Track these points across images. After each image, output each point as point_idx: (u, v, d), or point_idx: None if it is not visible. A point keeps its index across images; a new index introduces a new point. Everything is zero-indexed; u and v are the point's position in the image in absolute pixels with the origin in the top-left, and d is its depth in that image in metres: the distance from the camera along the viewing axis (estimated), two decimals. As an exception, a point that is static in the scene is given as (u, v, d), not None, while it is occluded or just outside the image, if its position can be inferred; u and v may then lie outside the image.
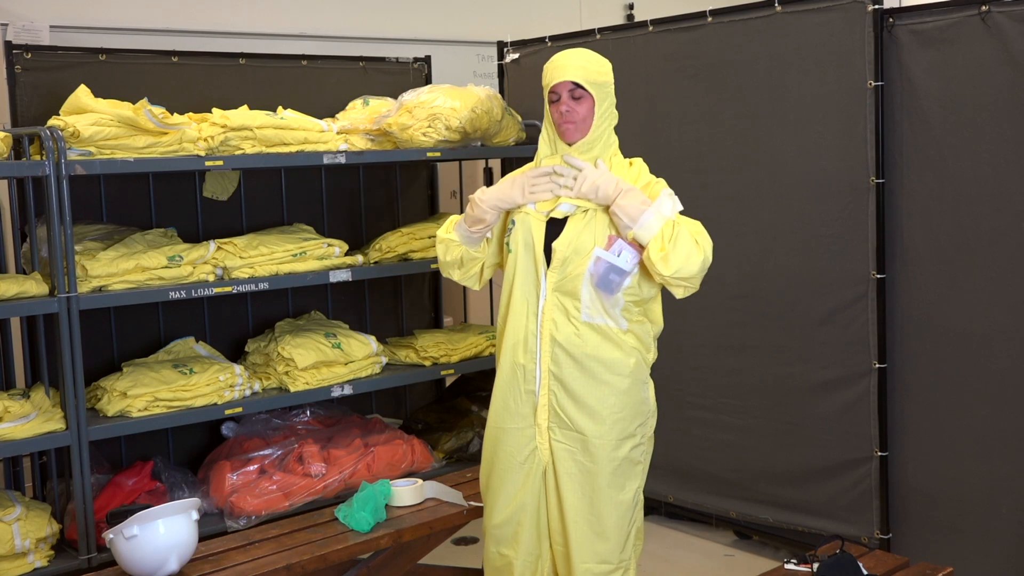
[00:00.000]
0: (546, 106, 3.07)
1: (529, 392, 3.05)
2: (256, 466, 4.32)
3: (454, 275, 3.22)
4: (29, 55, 4.19)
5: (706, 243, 2.98)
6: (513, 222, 3.07)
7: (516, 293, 3.06)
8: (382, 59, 5.16)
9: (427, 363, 4.73)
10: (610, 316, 3.01)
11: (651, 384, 3.17)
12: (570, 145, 3.04)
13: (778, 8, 4.07)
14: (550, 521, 3.08)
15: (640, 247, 2.96)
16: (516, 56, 5.13)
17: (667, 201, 2.99)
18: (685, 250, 2.91)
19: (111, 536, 3.08)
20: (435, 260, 4.68)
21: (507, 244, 3.08)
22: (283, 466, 4.36)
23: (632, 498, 3.08)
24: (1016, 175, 3.57)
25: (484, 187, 3.19)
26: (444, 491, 3.66)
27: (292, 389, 4.27)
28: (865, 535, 3.99)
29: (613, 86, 3.07)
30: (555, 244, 2.99)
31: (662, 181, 3.09)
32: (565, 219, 3.02)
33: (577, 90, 3.01)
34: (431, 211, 5.30)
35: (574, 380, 3.02)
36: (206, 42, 5.16)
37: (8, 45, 4.21)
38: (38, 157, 3.70)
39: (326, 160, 4.27)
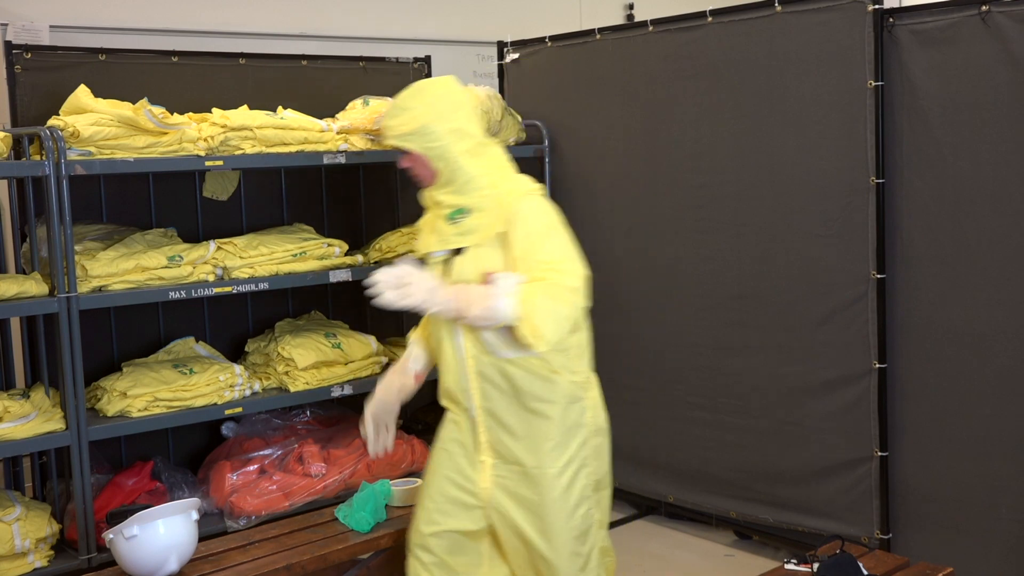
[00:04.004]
0: None
1: (471, 428, 3.08)
2: (256, 466, 4.32)
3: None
4: (29, 55, 4.19)
5: (563, 290, 2.84)
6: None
7: (443, 331, 3.07)
8: (382, 59, 5.16)
9: (427, 363, 4.72)
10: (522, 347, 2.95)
11: (587, 401, 3.10)
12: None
13: (778, 8, 4.07)
14: (506, 555, 3.12)
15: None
16: (516, 56, 5.13)
17: (503, 280, 2.87)
18: (551, 315, 2.81)
19: (111, 536, 3.08)
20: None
21: None
22: (283, 466, 4.36)
23: (582, 523, 3.04)
24: (1016, 175, 3.57)
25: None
26: (444, 491, 3.66)
27: (292, 389, 4.27)
28: (865, 535, 3.99)
29: (441, 119, 2.95)
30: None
31: (529, 195, 2.98)
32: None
33: (402, 149, 3.00)
34: (431, 211, 5.30)
35: (504, 411, 3.01)
36: (206, 42, 5.16)
37: (8, 45, 4.21)
38: (38, 157, 3.70)
39: (326, 160, 4.27)
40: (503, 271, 2.90)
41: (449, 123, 2.97)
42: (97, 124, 3.73)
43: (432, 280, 2.93)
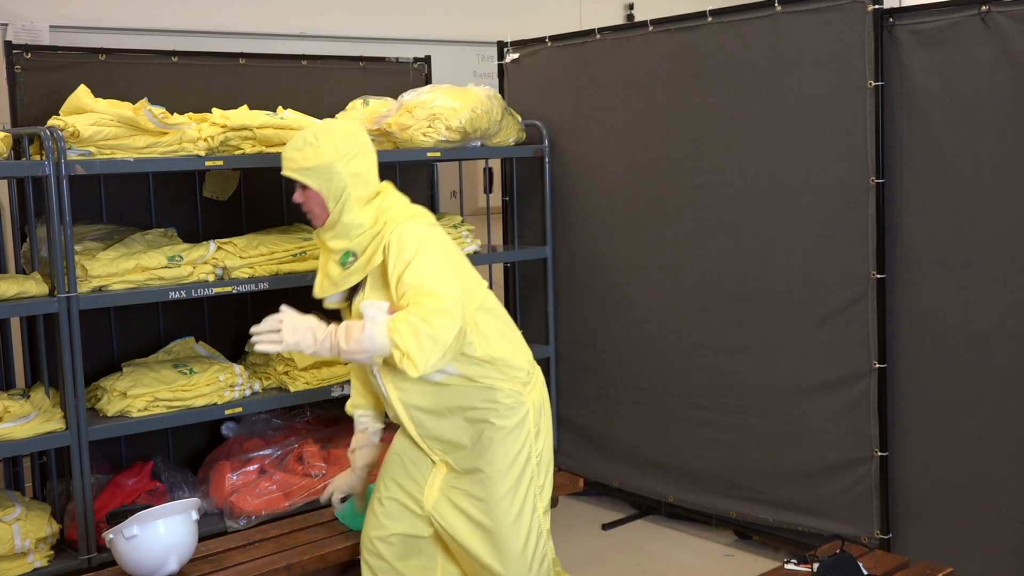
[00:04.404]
0: None
1: (423, 454, 3.12)
2: (256, 466, 4.32)
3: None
4: (29, 55, 4.19)
5: (429, 313, 2.82)
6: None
7: (365, 370, 3.14)
8: (382, 59, 5.16)
9: (427, 363, 4.72)
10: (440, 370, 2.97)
11: (528, 404, 3.09)
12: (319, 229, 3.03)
13: (778, 8, 4.07)
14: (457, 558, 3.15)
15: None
16: (516, 56, 5.13)
17: (370, 310, 2.90)
18: (420, 339, 2.80)
19: (111, 536, 3.08)
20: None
21: None
22: (283, 466, 4.36)
23: (529, 527, 3.06)
24: (1016, 175, 3.57)
25: None
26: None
27: (292, 389, 4.27)
28: (865, 535, 3.99)
29: (345, 161, 2.96)
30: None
31: (405, 221, 2.99)
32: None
33: (299, 183, 2.99)
34: (431, 211, 5.30)
35: (441, 431, 3.04)
36: (206, 42, 5.16)
37: (8, 45, 4.21)
38: (38, 157, 3.70)
39: (326, 160, 4.27)
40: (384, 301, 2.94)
41: (352, 167, 2.99)
42: (97, 124, 3.73)
43: (307, 321, 2.96)
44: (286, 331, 2.93)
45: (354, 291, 3.08)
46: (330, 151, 2.96)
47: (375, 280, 2.99)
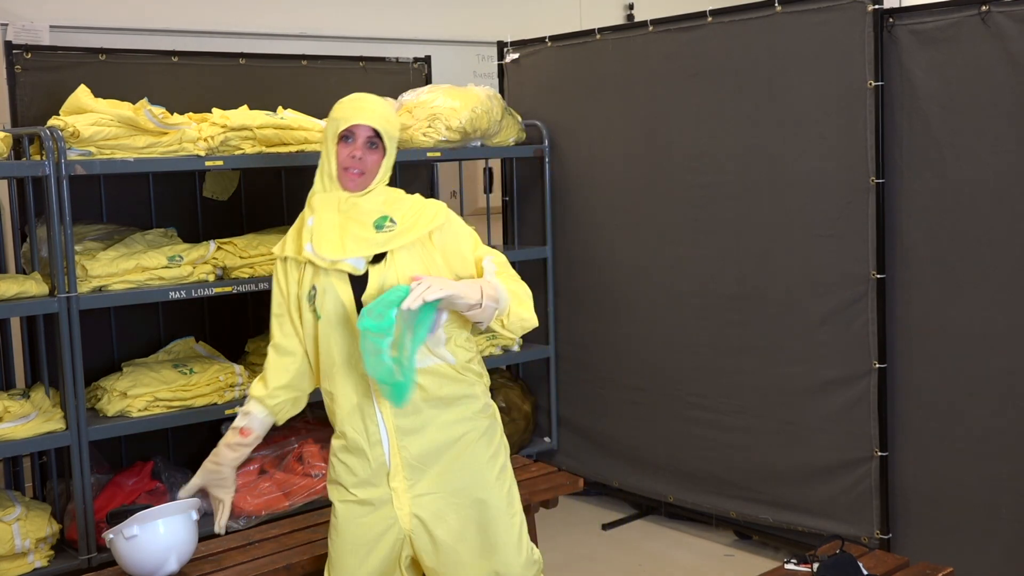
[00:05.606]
0: (329, 143, 2.93)
1: (379, 460, 2.89)
2: (256, 466, 4.32)
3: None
4: (29, 55, 4.19)
5: (520, 282, 2.91)
6: (314, 288, 2.92)
7: (337, 358, 2.90)
8: (382, 59, 5.16)
9: (427, 363, 4.71)
10: (436, 355, 2.87)
11: (495, 406, 3.05)
12: (349, 191, 2.90)
13: (778, 8, 4.07)
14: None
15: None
16: (516, 56, 5.13)
17: (490, 266, 2.89)
18: (530, 301, 2.87)
19: (111, 536, 3.08)
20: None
21: (315, 310, 2.93)
22: (283, 466, 4.36)
23: (520, 520, 2.98)
24: (1016, 175, 3.57)
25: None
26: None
27: (292, 389, 4.27)
28: (865, 535, 3.99)
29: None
30: (364, 298, 2.82)
31: (446, 206, 2.96)
32: (367, 272, 2.86)
33: (375, 138, 2.88)
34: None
35: (429, 425, 2.87)
36: (206, 42, 5.16)
37: (8, 45, 4.21)
38: (38, 157, 3.70)
39: (326, 160, 4.27)
40: (429, 272, 2.85)
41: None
42: (97, 124, 3.73)
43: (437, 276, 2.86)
44: (434, 283, 2.72)
45: (375, 260, 2.89)
46: (399, 125, 3.05)
47: (412, 247, 2.88)
